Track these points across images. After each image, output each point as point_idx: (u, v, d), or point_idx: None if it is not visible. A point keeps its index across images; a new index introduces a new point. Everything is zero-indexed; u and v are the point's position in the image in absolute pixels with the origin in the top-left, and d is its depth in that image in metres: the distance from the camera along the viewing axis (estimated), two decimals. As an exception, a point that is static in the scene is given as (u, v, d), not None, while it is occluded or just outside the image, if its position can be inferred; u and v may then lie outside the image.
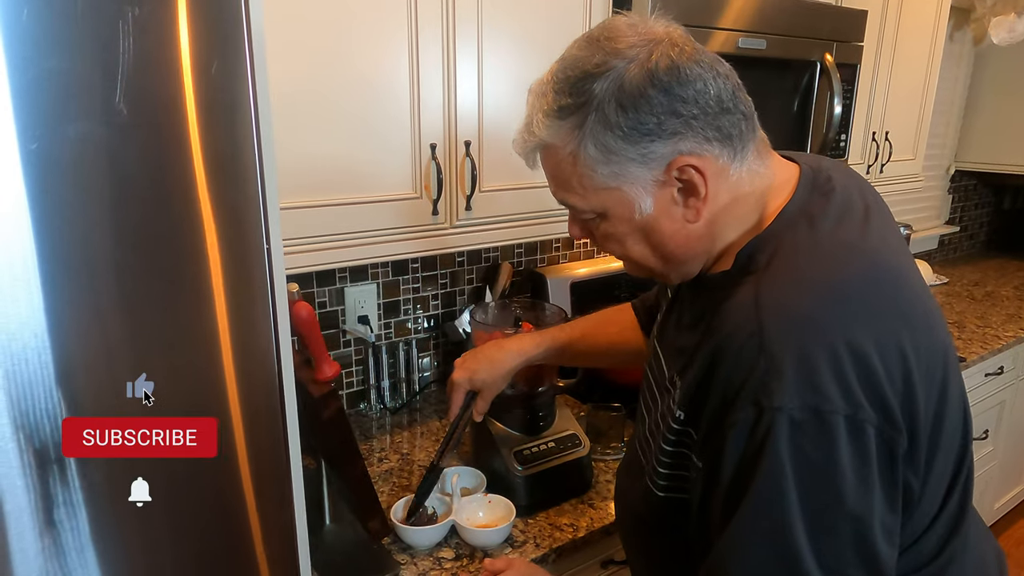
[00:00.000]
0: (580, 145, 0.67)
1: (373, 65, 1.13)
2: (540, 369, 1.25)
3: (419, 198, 1.23)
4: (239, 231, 0.71)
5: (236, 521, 0.82)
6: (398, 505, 1.15)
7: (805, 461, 0.58)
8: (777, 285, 0.65)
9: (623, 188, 0.68)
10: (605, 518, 1.21)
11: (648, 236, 0.72)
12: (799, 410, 0.58)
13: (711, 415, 0.65)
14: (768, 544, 0.61)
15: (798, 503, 0.59)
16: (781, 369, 0.59)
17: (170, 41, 0.59)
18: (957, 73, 2.95)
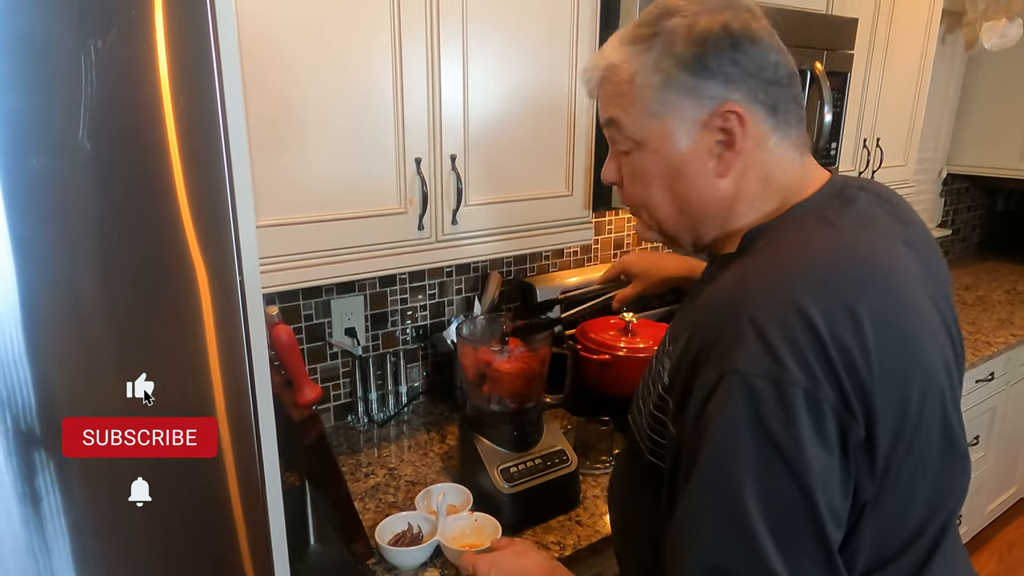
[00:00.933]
0: (642, 65, 0.71)
1: (356, 80, 1.12)
2: (527, 385, 1.24)
3: (404, 213, 1.22)
4: (216, 261, 0.71)
5: (222, 539, 0.82)
6: (383, 525, 1.14)
7: (763, 432, 0.58)
8: (762, 265, 0.67)
9: (668, 119, 0.71)
10: (592, 536, 1.20)
11: (674, 182, 0.74)
12: (759, 378, 0.58)
13: (683, 380, 0.66)
14: (723, 518, 0.60)
15: (753, 477, 0.58)
16: (744, 337, 0.60)
17: (135, 73, 0.58)
18: (949, 76, 2.95)
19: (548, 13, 1.31)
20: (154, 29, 0.57)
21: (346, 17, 1.08)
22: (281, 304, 1.47)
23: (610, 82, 0.75)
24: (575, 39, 1.35)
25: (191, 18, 0.59)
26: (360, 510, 1.25)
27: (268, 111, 1.05)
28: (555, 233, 1.45)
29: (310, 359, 1.54)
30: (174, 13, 0.58)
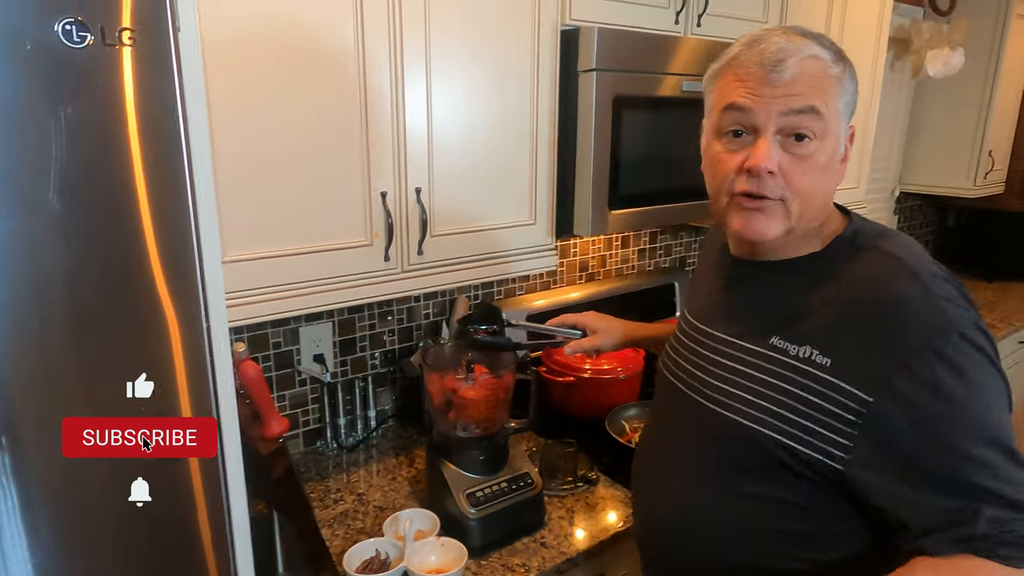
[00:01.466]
0: (843, 71, 0.82)
1: (324, 118, 1.15)
2: (493, 411, 1.28)
3: (370, 245, 1.25)
4: (184, 307, 0.73)
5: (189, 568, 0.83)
6: (351, 552, 1.16)
7: (988, 361, 0.77)
8: (901, 249, 0.83)
9: (842, 121, 0.83)
10: (557, 557, 1.24)
11: (830, 178, 0.85)
12: (974, 329, 0.76)
13: (892, 354, 0.76)
14: (988, 438, 0.75)
15: (993, 393, 0.77)
16: (942, 304, 0.77)
17: (104, 135, 0.60)
18: (899, 100, 3.08)
19: (510, 51, 1.35)
20: (123, 93, 0.60)
21: (312, 59, 1.12)
22: (249, 333, 1.48)
23: (812, 73, 0.80)
24: (536, 75, 1.40)
25: (159, 82, 0.62)
26: (328, 536, 1.27)
27: (237, 150, 1.07)
28: (519, 261, 1.49)
29: (279, 387, 1.55)
30: (142, 77, 0.61)
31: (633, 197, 1.55)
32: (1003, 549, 0.73)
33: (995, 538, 0.73)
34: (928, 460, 0.76)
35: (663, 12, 1.58)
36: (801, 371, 0.82)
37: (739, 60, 0.84)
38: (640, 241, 2.21)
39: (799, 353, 0.83)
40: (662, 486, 1.00)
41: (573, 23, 1.42)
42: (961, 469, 0.75)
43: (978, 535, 0.74)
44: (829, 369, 0.80)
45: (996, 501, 0.74)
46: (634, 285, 2.13)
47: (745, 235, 0.86)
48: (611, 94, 1.43)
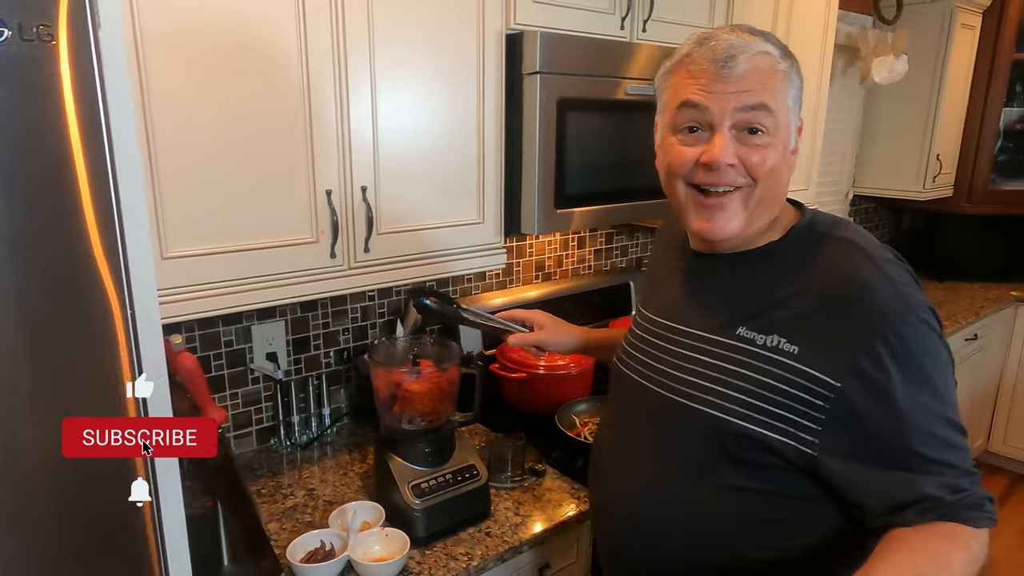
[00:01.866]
0: (792, 68, 0.87)
1: (267, 118, 1.17)
2: (438, 404, 1.30)
3: (316, 242, 1.28)
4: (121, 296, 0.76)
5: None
6: (295, 543, 1.18)
7: (940, 341, 0.83)
8: (862, 238, 0.89)
9: (791, 116, 0.88)
10: (500, 546, 1.27)
11: (784, 170, 0.89)
12: (927, 311, 0.82)
13: (854, 338, 0.81)
14: (952, 426, 0.82)
15: (945, 371, 0.82)
16: (902, 289, 0.82)
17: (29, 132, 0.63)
18: (851, 106, 3.18)
19: (455, 54, 1.39)
20: (45, 89, 0.63)
21: (255, 62, 1.14)
22: (200, 331, 1.49)
23: (762, 70, 0.84)
24: (481, 77, 1.44)
25: (80, 79, 0.65)
26: (276, 530, 1.29)
27: (180, 148, 1.09)
28: (469, 259, 1.53)
29: (231, 384, 1.57)
30: (63, 74, 0.64)
31: (579, 197, 1.59)
32: (966, 512, 0.80)
33: (959, 503, 0.79)
34: (896, 439, 0.80)
35: (608, 17, 1.63)
36: (769, 360, 0.85)
37: (691, 58, 0.87)
38: (596, 241, 2.26)
39: (766, 342, 0.86)
40: (627, 479, 1.00)
41: (518, 27, 1.47)
42: (926, 446, 0.80)
43: (945, 503, 0.79)
44: (796, 356, 0.83)
45: (955, 471, 0.80)
46: (590, 284, 2.17)
47: (705, 234, 0.90)
48: (555, 96, 1.47)
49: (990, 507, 0.81)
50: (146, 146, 1.05)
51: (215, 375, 1.53)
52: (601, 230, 2.26)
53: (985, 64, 3.14)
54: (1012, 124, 3.28)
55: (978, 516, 0.80)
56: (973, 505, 0.80)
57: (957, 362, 2.91)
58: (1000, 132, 3.25)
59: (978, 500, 0.81)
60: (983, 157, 3.24)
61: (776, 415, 0.84)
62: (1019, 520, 3.02)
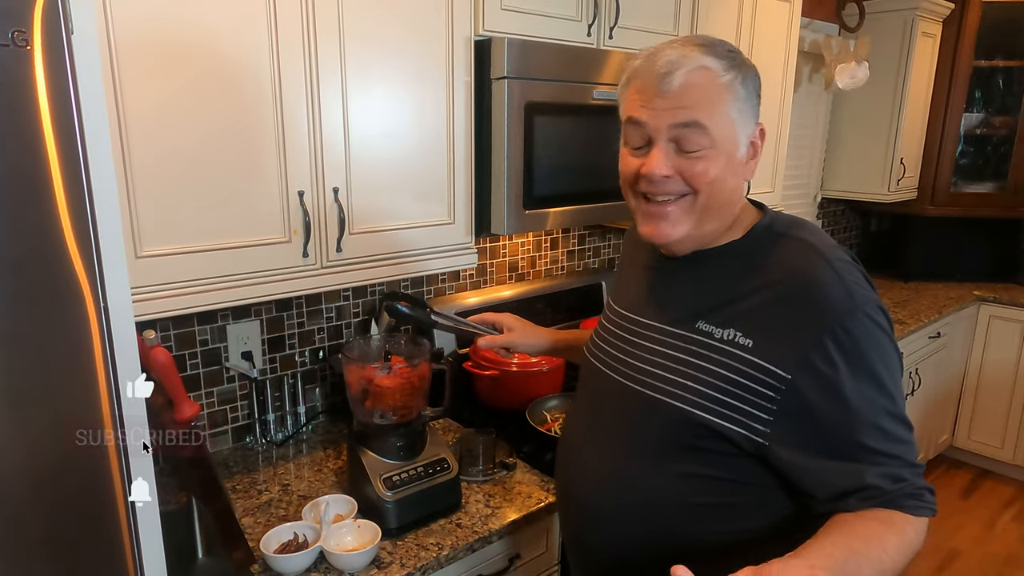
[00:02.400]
0: (735, 78, 0.88)
1: (240, 120, 1.21)
2: (409, 399, 1.34)
3: (288, 242, 1.31)
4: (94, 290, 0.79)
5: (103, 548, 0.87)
6: (269, 535, 1.21)
7: (888, 338, 0.86)
8: (818, 239, 0.92)
9: (737, 126, 0.89)
10: (470, 536, 1.30)
11: (729, 178, 0.91)
12: (876, 307, 0.86)
13: (804, 333, 0.85)
14: (895, 418, 0.86)
15: (893, 367, 0.86)
16: (850, 286, 0.85)
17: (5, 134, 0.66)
18: (818, 111, 3.27)
19: (425, 60, 1.43)
20: (21, 92, 0.66)
21: (227, 63, 1.18)
22: (176, 330, 1.52)
23: (700, 84, 0.86)
24: (451, 82, 1.48)
25: (54, 82, 0.68)
26: (251, 524, 1.31)
27: (153, 148, 1.12)
28: (440, 258, 1.57)
29: (206, 383, 1.59)
30: (37, 78, 0.67)
31: (548, 198, 1.64)
32: (905, 500, 0.84)
33: (899, 492, 0.84)
34: (842, 431, 0.84)
35: (575, 24, 1.69)
36: (725, 352, 0.89)
37: (638, 72, 0.91)
38: (568, 243, 2.31)
39: (723, 336, 0.90)
40: (590, 467, 1.04)
41: (486, 34, 1.51)
42: (871, 437, 0.84)
43: (885, 492, 0.84)
44: (751, 349, 0.87)
45: (897, 462, 0.85)
46: (563, 285, 2.22)
47: (651, 239, 0.95)
48: (523, 101, 1.52)
49: (929, 497, 0.86)
50: (119, 143, 1.08)
51: (190, 374, 1.55)
52: (572, 231, 2.31)
53: (946, 71, 3.25)
54: (972, 129, 3.39)
55: (916, 505, 0.85)
56: (912, 494, 0.85)
57: (922, 359, 3.00)
58: (961, 137, 3.36)
59: (917, 490, 0.85)
60: (945, 161, 3.35)
61: (731, 405, 0.89)
62: (983, 513, 3.12)
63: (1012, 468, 3.34)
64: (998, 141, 3.38)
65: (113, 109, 1.06)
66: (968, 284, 3.43)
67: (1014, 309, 3.20)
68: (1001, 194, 3.37)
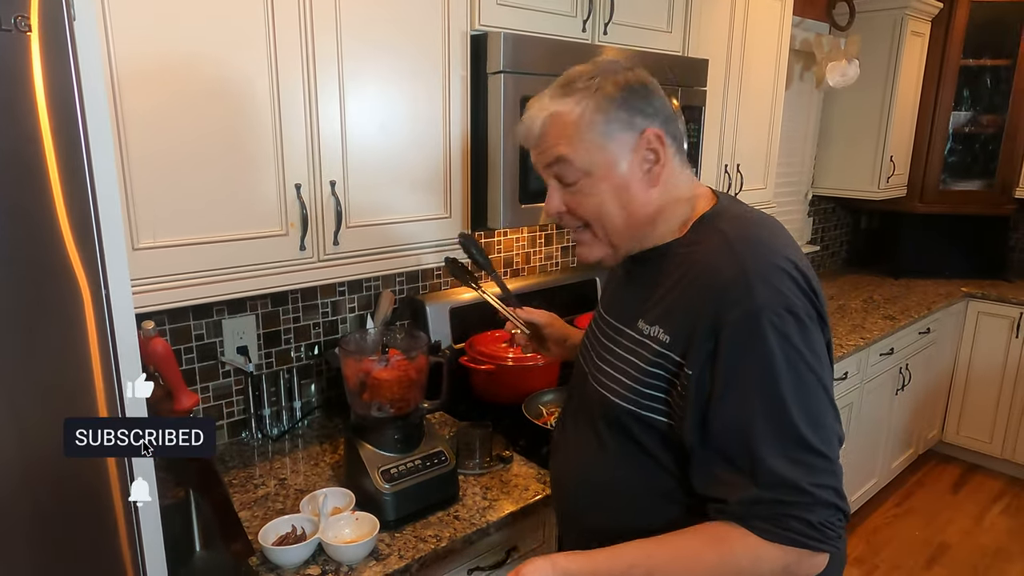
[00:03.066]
0: (585, 109, 0.90)
1: (238, 114, 1.21)
2: (406, 391, 1.34)
3: (286, 235, 1.31)
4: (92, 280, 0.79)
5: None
6: (267, 528, 1.21)
7: (789, 346, 0.81)
8: (737, 229, 0.91)
9: (609, 149, 0.90)
10: (468, 528, 1.31)
11: (621, 197, 0.92)
12: (777, 308, 0.82)
13: (699, 331, 0.85)
14: (771, 419, 0.81)
15: (789, 379, 0.81)
16: (754, 282, 0.83)
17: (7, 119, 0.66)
18: (809, 109, 3.29)
19: (421, 55, 1.44)
20: (24, 78, 0.66)
21: (225, 58, 1.18)
22: (172, 324, 1.51)
23: (555, 126, 0.91)
24: (447, 77, 1.49)
25: (56, 68, 0.68)
26: (248, 518, 1.31)
27: (152, 141, 1.12)
28: (436, 252, 1.57)
29: (202, 378, 1.58)
30: (40, 63, 0.67)
31: (543, 192, 1.63)
32: (757, 521, 0.82)
33: (753, 512, 0.82)
34: (717, 432, 0.85)
35: (571, 20, 1.70)
36: (650, 348, 0.92)
37: (519, 133, 0.99)
38: (563, 239, 2.32)
39: (650, 332, 0.93)
40: (570, 457, 1.09)
41: (482, 28, 1.52)
42: (735, 447, 0.83)
43: (731, 507, 0.83)
44: (667, 344, 0.89)
45: (765, 480, 0.81)
46: (557, 280, 2.23)
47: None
48: (518, 95, 1.52)
49: (796, 526, 0.80)
50: (116, 134, 1.08)
51: (186, 368, 1.55)
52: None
53: (934, 69, 3.29)
54: (961, 127, 3.43)
55: (770, 530, 0.81)
56: (767, 516, 0.81)
57: (912, 355, 3.03)
58: (949, 135, 3.40)
59: (774, 514, 0.81)
60: (934, 158, 3.39)
61: (653, 396, 0.92)
62: (972, 508, 3.15)
63: (1001, 463, 3.38)
64: (986, 139, 3.42)
65: (108, 94, 1.06)
66: (957, 280, 3.47)
67: (1002, 305, 3.24)
68: (989, 191, 3.41)
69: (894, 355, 2.87)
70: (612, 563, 0.87)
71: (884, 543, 2.88)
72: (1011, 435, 3.29)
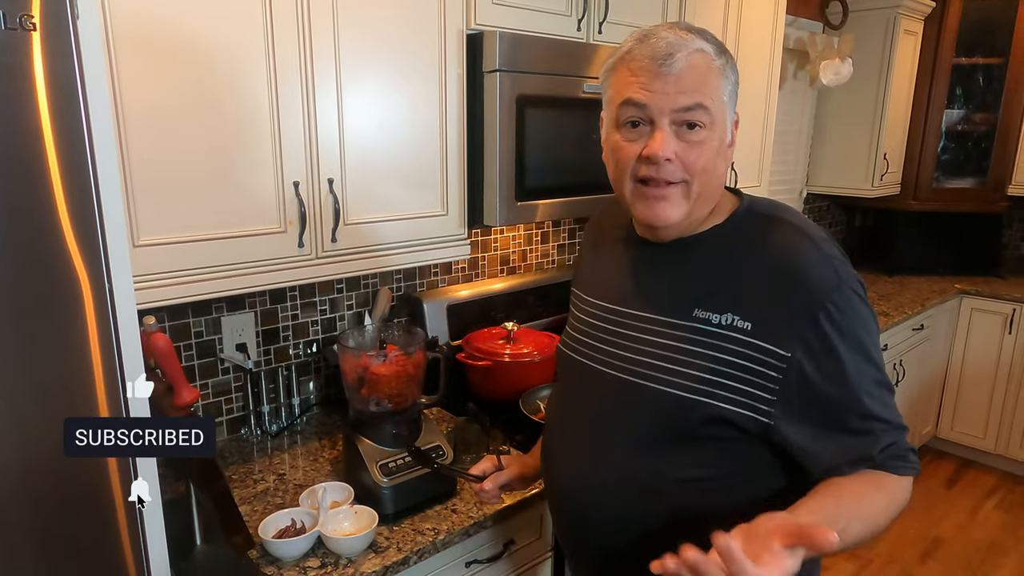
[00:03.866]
0: (727, 64, 0.92)
1: (236, 114, 1.22)
2: (404, 387, 1.36)
3: (284, 232, 1.32)
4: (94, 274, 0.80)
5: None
6: (267, 521, 1.22)
7: (868, 311, 0.90)
8: (794, 217, 0.97)
9: (727, 111, 0.93)
10: (466, 521, 1.32)
11: (721, 161, 0.94)
12: (857, 282, 0.90)
13: (795, 311, 0.88)
14: (875, 378, 0.90)
15: (874, 341, 0.91)
16: (835, 263, 0.90)
17: (11, 116, 0.67)
18: (804, 107, 3.31)
19: (418, 54, 1.45)
20: (29, 76, 0.67)
21: (223, 56, 1.19)
22: (171, 322, 1.53)
23: (701, 66, 0.89)
24: (443, 76, 1.50)
25: (61, 66, 0.69)
26: (248, 512, 1.32)
27: (151, 139, 1.13)
28: (434, 249, 1.58)
29: (201, 375, 1.60)
30: (45, 61, 0.68)
31: (539, 190, 1.66)
32: (891, 461, 0.89)
33: (885, 454, 0.89)
34: (839, 402, 0.88)
35: (565, 19, 1.71)
36: (725, 337, 0.91)
37: (632, 55, 0.91)
38: (559, 236, 2.33)
39: (721, 320, 0.92)
40: (582, 460, 1.03)
41: (478, 27, 1.53)
42: (864, 406, 0.89)
43: (875, 457, 0.89)
44: (750, 332, 0.90)
45: (885, 426, 0.90)
46: (553, 278, 2.24)
47: (650, 221, 0.95)
48: (515, 93, 1.54)
49: (913, 457, 0.92)
50: (116, 132, 1.09)
51: (185, 365, 1.56)
52: (563, 225, 2.33)
53: (927, 68, 3.32)
54: (953, 125, 3.46)
55: (901, 465, 0.90)
56: (897, 456, 0.90)
57: (906, 351, 3.06)
58: (942, 133, 3.42)
59: (902, 451, 0.90)
60: (927, 156, 3.42)
61: (734, 388, 0.91)
62: (966, 502, 3.17)
63: (994, 458, 3.41)
64: (979, 137, 3.44)
65: (111, 100, 1.07)
66: (950, 277, 3.50)
67: (995, 301, 3.26)
68: (982, 189, 3.43)
69: (888, 351, 2.89)
70: (838, 512, 0.83)
71: (879, 537, 2.90)
72: (1004, 431, 3.32)
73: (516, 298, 2.10)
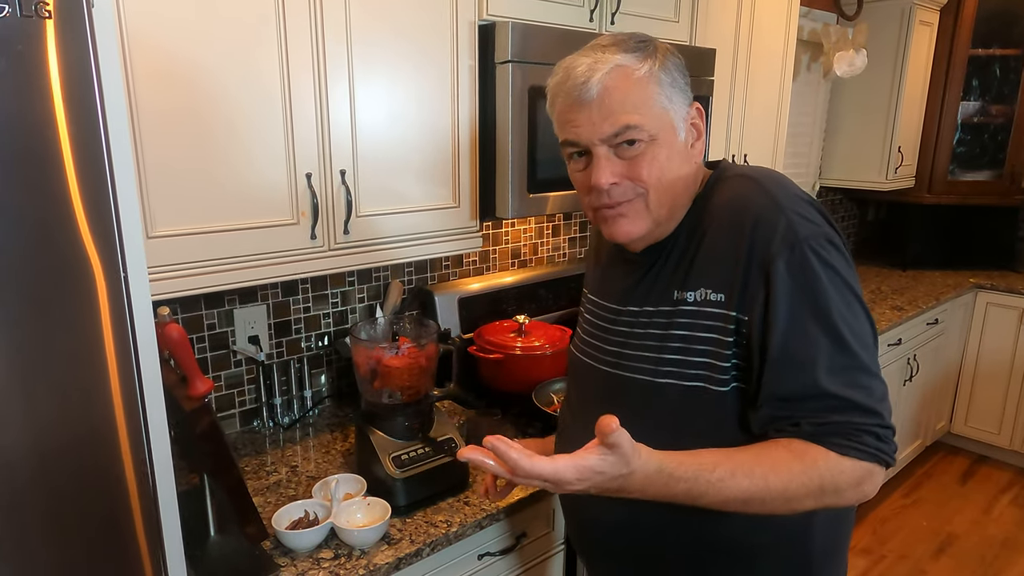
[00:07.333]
0: (655, 66, 0.87)
1: (249, 107, 1.22)
2: (416, 379, 1.36)
3: (296, 224, 1.32)
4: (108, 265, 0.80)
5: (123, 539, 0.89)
6: (280, 513, 1.23)
7: (834, 274, 0.84)
8: (756, 171, 0.92)
9: (670, 114, 0.89)
10: (478, 513, 1.32)
11: (677, 167, 0.91)
12: (819, 238, 0.84)
13: (750, 268, 0.85)
14: (828, 346, 0.83)
15: (840, 307, 0.83)
16: (790, 215, 0.85)
17: (26, 104, 0.67)
18: (817, 100, 3.28)
19: (429, 45, 1.45)
20: (43, 64, 0.67)
21: (237, 49, 1.19)
22: (184, 314, 1.53)
23: (622, 83, 0.85)
24: (455, 66, 1.49)
25: (75, 54, 0.69)
26: (261, 504, 1.33)
27: (164, 131, 1.13)
28: (445, 242, 1.58)
29: (214, 367, 1.60)
30: (59, 49, 0.68)
31: (552, 182, 1.65)
32: (833, 439, 0.82)
33: (826, 429, 0.83)
34: (784, 366, 0.83)
35: (578, 10, 1.70)
36: (700, 314, 0.89)
37: (560, 87, 0.91)
38: (570, 230, 2.32)
39: (696, 297, 0.90)
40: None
41: (490, 18, 1.52)
42: (813, 374, 0.83)
43: (805, 427, 0.83)
44: (723, 303, 0.88)
45: (836, 401, 0.83)
46: (564, 271, 2.23)
47: (616, 239, 0.95)
48: (526, 85, 1.53)
49: (872, 442, 0.83)
50: (130, 123, 1.09)
51: (198, 358, 1.57)
52: (574, 218, 2.32)
53: (943, 59, 3.27)
54: (969, 117, 3.41)
55: (846, 445, 0.82)
56: (844, 434, 0.83)
57: (920, 346, 3.03)
58: (958, 125, 3.38)
59: (852, 430, 0.83)
60: (942, 149, 3.37)
61: (698, 364, 0.89)
62: (980, 498, 3.15)
63: (1009, 453, 3.38)
64: (995, 129, 3.40)
65: (124, 91, 1.07)
66: (965, 271, 3.46)
67: (1010, 296, 3.23)
68: (998, 182, 3.39)
69: (902, 345, 2.87)
70: (695, 457, 0.81)
71: (892, 533, 2.89)
72: (1019, 426, 3.28)
73: (527, 291, 2.09)
